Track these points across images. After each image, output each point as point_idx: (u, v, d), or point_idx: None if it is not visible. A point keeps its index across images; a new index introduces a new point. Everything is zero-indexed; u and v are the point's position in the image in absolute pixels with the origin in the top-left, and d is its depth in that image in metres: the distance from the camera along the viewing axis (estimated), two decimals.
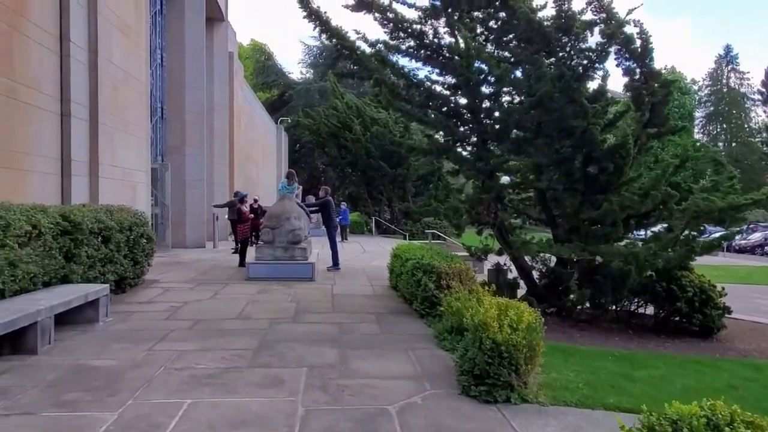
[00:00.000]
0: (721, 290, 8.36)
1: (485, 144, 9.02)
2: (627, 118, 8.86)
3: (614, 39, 7.84)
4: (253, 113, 33.56)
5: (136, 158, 12.75)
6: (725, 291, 8.36)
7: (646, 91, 8.45)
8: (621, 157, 7.81)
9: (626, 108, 8.70)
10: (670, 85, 8.45)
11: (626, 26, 8.01)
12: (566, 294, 9.10)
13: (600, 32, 8.09)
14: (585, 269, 8.75)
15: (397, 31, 9.02)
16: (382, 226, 30.09)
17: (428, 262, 7.45)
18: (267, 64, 57.36)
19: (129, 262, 8.79)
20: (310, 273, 10.53)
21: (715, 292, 8.20)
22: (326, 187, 13.72)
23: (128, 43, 12.35)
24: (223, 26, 21.24)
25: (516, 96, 8.93)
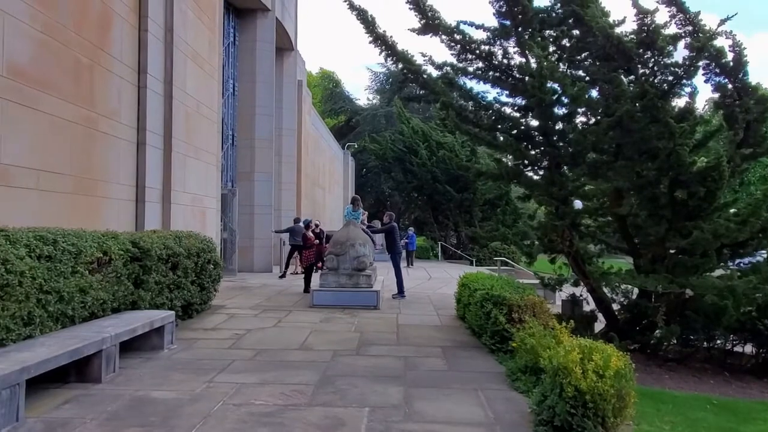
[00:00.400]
0: None
1: (559, 168, 8.52)
2: (718, 138, 8.11)
3: (703, 53, 7.22)
4: (320, 139, 34.18)
5: (206, 184, 13.06)
6: None
7: (740, 108, 7.73)
8: (713, 181, 7.11)
9: (718, 127, 7.97)
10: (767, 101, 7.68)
11: (716, 39, 7.38)
12: (651, 330, 8.37)
13: (686, 46, 7.49)
14: (673, 303, 7.99)
15: (465, 52, 8.75)
16: (448, 251, 29.56)
17: (498, 294, 7.00)
18: (335, 91, 58.65)
19: (196, 288, 8.86)
20: (374, 301, 10.27)
21: None
22: (390, 213, 13.53)
23: (201, 73, 12.76)
24: (292, 55, 21.78)
25: (591, 117, 8.40)
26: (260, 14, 17.87)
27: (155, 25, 10.62)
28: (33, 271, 5.08)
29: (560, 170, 8.50)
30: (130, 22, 9.95)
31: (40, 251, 5.27)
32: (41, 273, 5.19)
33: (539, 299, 6.84)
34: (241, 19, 17.98)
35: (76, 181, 8.33)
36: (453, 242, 30.21)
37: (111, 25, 9.27)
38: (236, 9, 17.74)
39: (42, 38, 7.50)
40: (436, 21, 8.64)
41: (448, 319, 9.36)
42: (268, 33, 18.00)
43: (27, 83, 7.21)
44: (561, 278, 8.75)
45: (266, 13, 17.93)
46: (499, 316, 6.71)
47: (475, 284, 8.06)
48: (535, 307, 6.66)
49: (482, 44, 8.55)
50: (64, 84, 8.03)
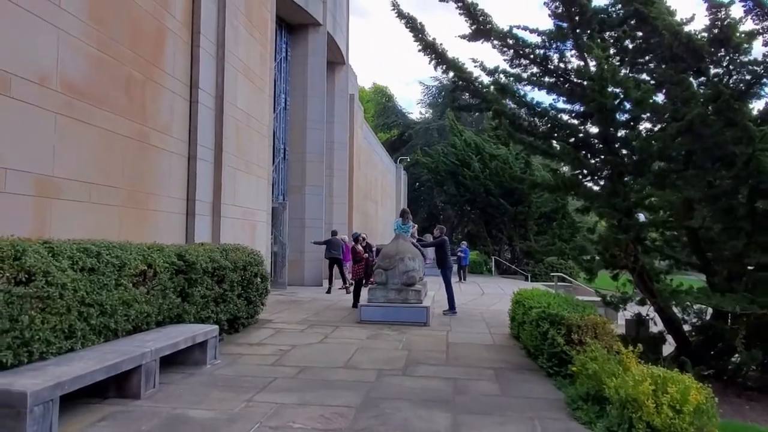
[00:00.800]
0: None
1: (621, 177, 7.94)
2: None
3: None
4: (372, 153, 34.19)
5: (256, 197, 13.09)
6: None
7: None
8: None
9: None
10: None
11: None
12: (728, 354, 7.63)
13: (765, 43, 6.82)
14: (753, 325, 7.22)
15: (518, 57, 8.35)
16: (502, 266, 28.75)
17: (556, 312, 6.50)
18: (387, 106, 58.89)
19: (242, 301, 8.75)
20: (424, 317, 9.89)
21: None
22: (441, 227, 13.13)
23: (252, 88, 12.86)
24: (344, 69, 21.85)
25: (657, 122, 7.80)
26: (312, 29, 18.01)
27: (207, 41, 10.76)
28: (75, 283, 5.03)
29: (623, 180, 7.91)
30: (183, 38, 10.10)
31: (83, 263, 5.23)
32: (83, 285, 5.14)
33: (601, 319, 6.29)
34: (293, 34, 18.18)
35: (128, 195, 8.42)
36: (507, 257, 29.36)
37: (164, 41, 9.42)
38: (288, 25, 17.95)
39: (96, 54, 7.64)
40: (488, 26, 8.30)
41: (502, 337, 8.86)
42: (319, 47, 18.11)
43: (81, 98, 7.34)
44: (625, 296, 8.10)
45: (318, 28, 18.05)
46: (556, 337, 6.21)
47: (530, 301, 7.56)
48: (597, 328, 6.12)
49: (537, 48, 8.13)
50: (117, 99, 8.16)
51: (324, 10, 18.07)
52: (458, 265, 21.79)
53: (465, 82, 8.88)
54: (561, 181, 8.49)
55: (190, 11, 10.39)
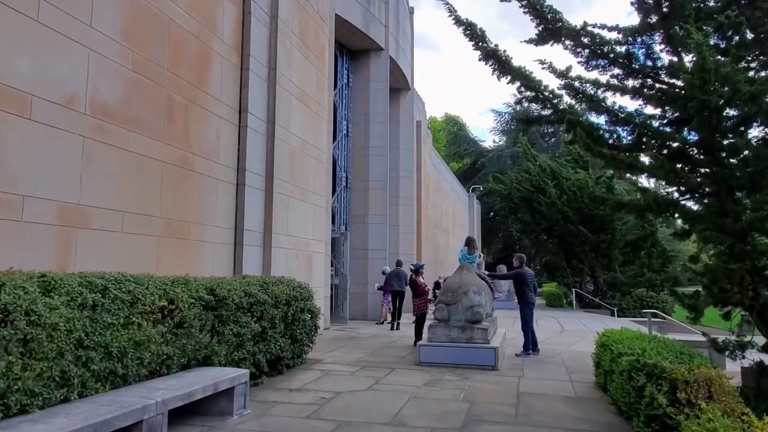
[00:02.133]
0: None
1: (731, 193, 6.48)
2: None
3: None
4: (441, 181, 33.21)
5: (312, 227, 12.42)
6: None
7: None
8: None
9: None
10: None
11: None
12: None
13: None
14: None
15: (595, 57, 7.19)
16: (584, 299, 26.56)
17: (654, 363, 5.15)
18: (459, 134, 57.97)
19: (286, 340, 7.93)
20: (492, 360, 8.64)
21: None
22: (521, 255, 11.80)
23: (307, 112, 12.33)
24: (409, 95, 21.20)
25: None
26: (374, 54, 17.52)
27: (257, 64, 10.32)
28: (70, 323, 4.36)
29: (733, 196, 6.45)
30: (231, 61, 9.69)
31: (83, 300, 4.57)
32: (81, 325, 4.46)
33: (716, 372, 4.87)
34: (354, 59, 17.77)
35: (167, 224, 7.90)
36: (589, 289, 27.13)
37: (210, 64, 9.01)
38: (349, 50, 17.56)
39: (131, 76, 7.24)
40: (558, 24, 7.21)
41: (585, 387, 7.46)
42: (381, 72, 17.55)
43: (113, 121, 6.91)
44: (743, 343, 6.53)
45: (380, 53, 17.53)
46: (657, 396, 4.85)
47: (618, 345, 6.21)
48: (711, 384, 4.72)
49: (618, 44, 6.93)
50: (155, 123, 7.72)
51: (386, 34, 17.57)
52: None
53: (532, 91, 7.78)
54: (653, 201, 7.11)
55: (240, 33, 10.02)
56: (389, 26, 17.75)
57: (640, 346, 5.95)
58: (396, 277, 14.60)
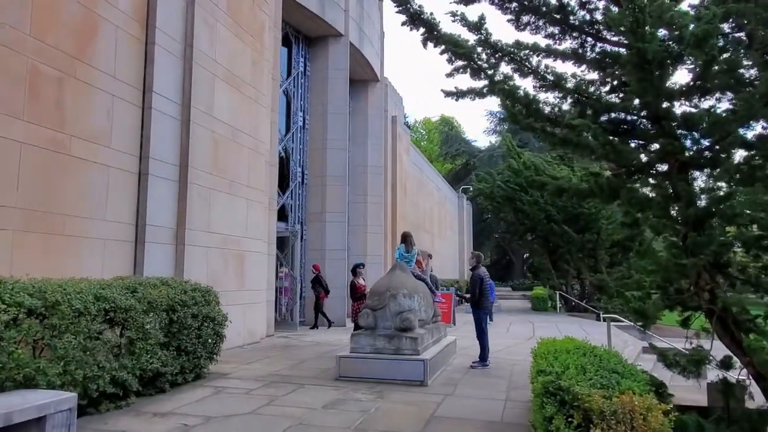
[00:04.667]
0: None
1: (684, 171, 5.26)
2: None
3: None
4: (424, 180, 32.01)
5: (246, 224, 11.20)
6: None
7: None
8: None
9: None
10: None
11: None
12: None
13: None
14: None
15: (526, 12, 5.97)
16: (570, 302, 25.26)
17: (569, 386, 3.91)
18: (450, 134, 56.77)
19: (170, 352, 6.71)
20: (420, 374, 7.40)
21: None
22: (478, 254, 10.57)
23: (241, 98, 11.13)
24: (379, 87, 19.98)
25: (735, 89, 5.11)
26: (332, 40, 16.32)
27: (168, 38, 9.13)
28: None
29: (686, 175, 5.22)
30: (131, 33, 8.49)
31: None
32: None
33: (645, 401, 3.61)
34: (312, 47, 16.57)
35: (27, 216, 6.68)
36: (576, 291, 25.83)
37: (95, 33, 7.82)
38: (307, 37, 16.36)
39: None
40: None
41: (519, 409, 6.22)
42: (341, 60, 16.34)
43: None
44: (701, 357, 5.28)
45: (339, 39, 16.33)
46: (563, 429, 3.62)
47: (541, 362, 4.97)
48: (635, 418, 3.48)
49: None
50: (11, 97, 6.52)
51: (346, 19, 16.36)
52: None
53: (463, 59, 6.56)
54: (596, 184, 5.89)
55: (144, 2, 8.82)
56: (350, 11, 16.55)
57: (566, 361, 4.70)
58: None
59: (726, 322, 5.18)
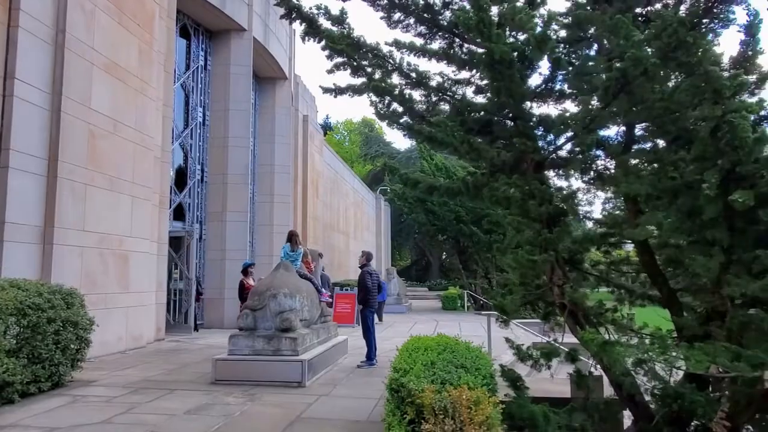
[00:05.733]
0: None
1: (540, 170, 5.44)
2: None
3: None
4: (339, 181, 31.91)
5: (131, 222, 10.60)
6: None
7: None
8: None
9: None
10: None
11: None
12: None
13: None
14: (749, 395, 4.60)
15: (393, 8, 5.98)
16: (479, 301, 25.98)
17: (407, 381, 3.91)
18: (370, 136, 57.08)
19: (19, 360, 6.17)
20: (298, 375, 7.26)
21: None
22: (368, 252, 10.58)
23: (125, 90, 10.52)
24: (287, 85, 19.65)
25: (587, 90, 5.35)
26: (235, 35, 15.84)
27: (35, 22, 8.47)
28: None
29: (541, 174, 5.41)
30: None
31: None
32: None
33: (472, 395, 3.66)
34: (214, 41, 16.01)
35: None
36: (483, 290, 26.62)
37: None
38: (208, 30, 15.79)
39: None
40: None
41: None
42: (243, 56, 15.89)
43: None
44: (551, 350, 5.50)
45: (242, 34, 15.88)
46: (395, 427, 3.60)
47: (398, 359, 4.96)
48: (458, 412, 3.51)
49: None
50: None
51: (249, 14, 15.94)
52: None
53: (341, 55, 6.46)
54: (462, 182, 6.00)
55: None
56: (254, 6, 16.13)
57: (417, 358, 4.71)
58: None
59: (577, 316, 5.40)
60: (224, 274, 15.00)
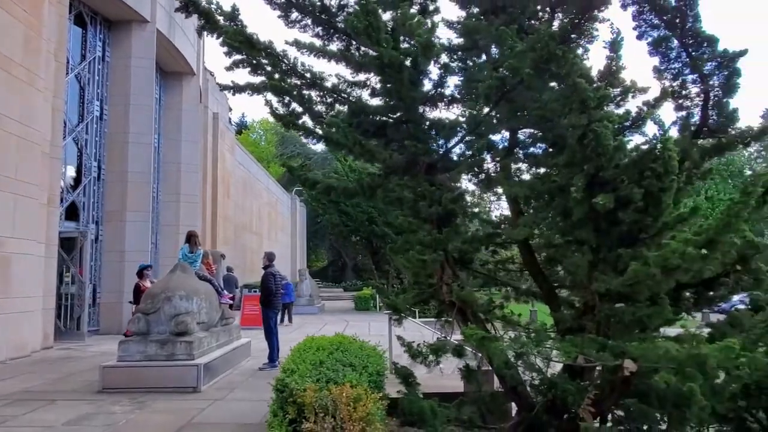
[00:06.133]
0: None
1: (432, 172, 5.62)
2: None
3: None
4: (253, 181, 31.27)
5: (13, 222, 9.82)
6: None
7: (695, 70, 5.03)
8: (656, 177, 4.27)
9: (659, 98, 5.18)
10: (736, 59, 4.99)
11: None
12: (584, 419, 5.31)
13: None
14: (611, 381, 4.99)
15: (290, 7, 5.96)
16: None
17: (287, 382, 3.92)
18: (286, 136, 56.26)
19: None
20: (193, 380, 7.05)
21: None
22: (269, 252, 10.45)
23: (7, 80, 9.75)
24: (195, 81, 18.98)
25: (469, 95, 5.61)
26: (137, 26, 15.10)
27: None
28: None
29: (433, 176, 5.59)
30: None
31: None
32: None
33: (353, 393, 3.72)
34: (114, 32, 15.17)
35: None
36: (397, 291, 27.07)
37: None
38: (107, 20, 14.94)
39: None
40: None
41: None
42: (146, 48, 15.17)
43: None
44: (439, 346, 5.70)
45: (144, 25, 15.16)
46: (276, 426, 3.60)
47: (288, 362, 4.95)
48: (339, 409, 3.56)
49: None
50: None
51: (152, 5, 15.24)
52: (283, 303, 16.29)
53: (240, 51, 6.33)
54: (358, 183, 6.08)
55: None
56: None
57: (306, 358, 4.73)
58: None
59: (466, 313, 5.62)
60: (123, 277, 14.22)
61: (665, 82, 5.35)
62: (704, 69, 5.12)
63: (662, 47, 5.21)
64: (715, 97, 5.20)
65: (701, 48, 5.04)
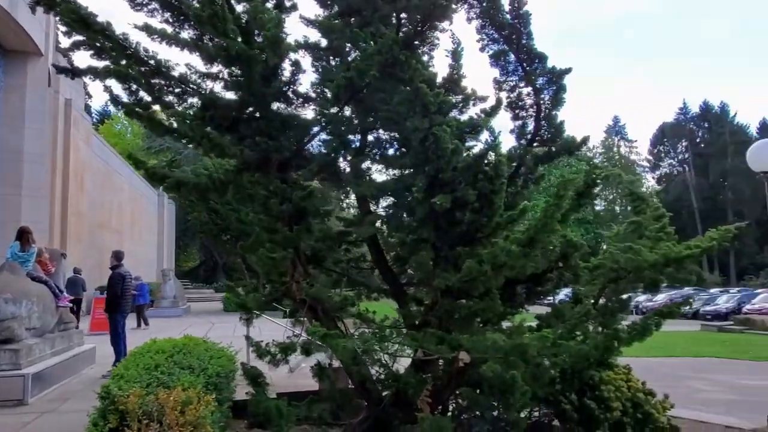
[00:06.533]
0: (664, 400, 5.11)
1: (285, 169, 5.57)
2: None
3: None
4: (113, 174, 29.04)
5: None
6: (670, 402, 5.11)
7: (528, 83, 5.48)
8: (488, 179, 4.58)
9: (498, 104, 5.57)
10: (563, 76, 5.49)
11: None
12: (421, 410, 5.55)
13: None
14: (449, 373, 5.28)
15: None
16: None
17: (111, 389, 3.66)
18: None
19: None
20: (18, 391, 6.35)
21: (657, 405, 4.93)
22: (117, 251, 9.74)
23: None
24: (42, 63, 17.20)
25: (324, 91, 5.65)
26: None
27: None
28: None
29: (286, 173, 5.55)
30: None
31: None
32: None
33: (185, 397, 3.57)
34: None
35: None
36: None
37: None
38: None
39: None
40: None
41: None
42: None
43: None
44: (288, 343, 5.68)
45: None
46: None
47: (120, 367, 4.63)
48: (166, 414, 3.39)
49: None
50: None
51: None
52: (137, 305, 15.97)
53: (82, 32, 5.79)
54: (209, 179, 5.86)
55: None
56: None
57: (142, 362, 4.46)
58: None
59: (317, 311, 5.64)
60: None
61: (504, 93, 5.78)
62: (537, 83, 5.58)
63: (501, 60, 5.60)
64: (546, 110, 5.69)
65: (534, 63, 5.48)
